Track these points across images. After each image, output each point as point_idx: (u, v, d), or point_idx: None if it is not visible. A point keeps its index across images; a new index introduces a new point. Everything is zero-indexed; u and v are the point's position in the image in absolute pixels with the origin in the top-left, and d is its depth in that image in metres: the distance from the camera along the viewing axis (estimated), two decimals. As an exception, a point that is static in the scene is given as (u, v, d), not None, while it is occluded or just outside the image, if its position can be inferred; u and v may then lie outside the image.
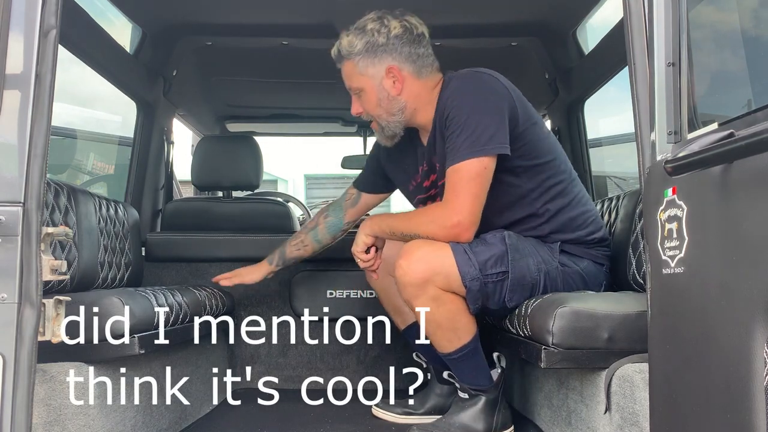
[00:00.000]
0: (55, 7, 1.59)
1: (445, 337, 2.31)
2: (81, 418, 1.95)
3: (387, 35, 2.37)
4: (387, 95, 2.42)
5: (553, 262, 2.35)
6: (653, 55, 1.59)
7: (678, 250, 1.40)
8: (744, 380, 1.17)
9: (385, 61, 2.39)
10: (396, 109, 2.43)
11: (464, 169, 2.22)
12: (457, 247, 2.23)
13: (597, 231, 2.48)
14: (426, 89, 2.43)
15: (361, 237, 2.48)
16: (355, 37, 2.40)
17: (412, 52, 2.39)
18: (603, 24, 3.20)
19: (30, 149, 1.56)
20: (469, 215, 2.22)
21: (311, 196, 14.60)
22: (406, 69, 2.40)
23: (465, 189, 2.21)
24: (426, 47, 2.42)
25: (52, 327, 1.58)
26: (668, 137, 1.54)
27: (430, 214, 2.31)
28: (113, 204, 3.00)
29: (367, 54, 2.39)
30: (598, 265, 2.46)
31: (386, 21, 2.39)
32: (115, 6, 3.06)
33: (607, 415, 1.92)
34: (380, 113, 2.46)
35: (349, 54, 2.41)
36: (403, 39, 2.38)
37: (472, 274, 2.21)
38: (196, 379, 2.90)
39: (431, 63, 2.43)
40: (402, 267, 2.23)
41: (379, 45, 2.37)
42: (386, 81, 2.40)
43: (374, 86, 2.42)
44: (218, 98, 4.40)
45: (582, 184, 2.57)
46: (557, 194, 2.41)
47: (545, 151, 2.39)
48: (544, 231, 2.40)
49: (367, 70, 2.41)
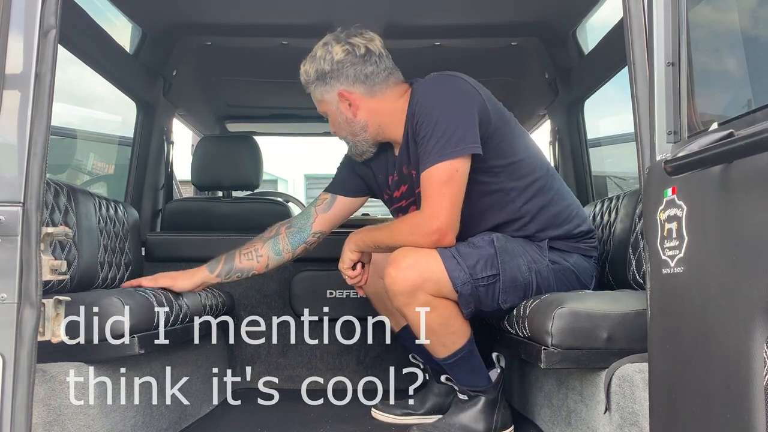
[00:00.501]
0: (55, 7, 1.59)
1: (439, 342, 2.30)
2: (81, 418, 1.95)
3: (331, 62, 2.38)
4: (345, 118, 2.44)
5: (543, 260, 2.35)
6: (653, 55, 1.59)
7: (678, 250, 1.40)
8: (744, 380, 1.17)
9: (335, 87, 2.40)
10: (358, 129, 2.45)
11: (436, 173, 2.21)
12: (445, 253, 2.22)
13: (582, 223, 2.48)
14: (386, 104, 2.42)
15: (347, 253, 2.47)
16: (308, 66, 2.43)
17: (359, 73, 2.37)
18: (603, 24, 3.20)
19: (30, 149, 1.56)
20: (447, 219, 2.20)
21: (311, 196, 14.57)
22: (356, 91, 2.40)
23: (439, 193, 2.20)
24: (375, 64, 2.38)
25: (52, 327, 1.58)
26: (668, 137, 1.54)
27: (409, 223, 2.31)
28: (113, 204, 3.00)
29: (319, 82, 2.42)
30: (587, 258, 2.46)
31: (330, 47, 2.39)
32: (115, 6, 3.06)
33: (607, 415, 1.92)
34: (345, 134, 2.51)
35: (306, 83, 2.47)
36: (345, 63, 2.37)
37: (462, 279, 2.21)
38: (196, 379, 2.90)
39: (384, 79, 2.40)
40: (391, 275, 2.22)
41: (326, 72, 2.39)
42: (342, 105, 2.42)
43: (333, 110, 2.46)
44: (218, 98, 4.40)
45: (561, 179, 2.56)
46: (537, 191, 2.40)
47: (519, 148, 2.39)
48: (530, 230, 2.40)
49: (324, 96, 2.45)
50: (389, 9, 3.10)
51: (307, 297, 3.48)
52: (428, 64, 3.01)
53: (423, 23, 3.25)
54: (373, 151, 2.54)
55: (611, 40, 2.97)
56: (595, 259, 2.50)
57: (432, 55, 3.46)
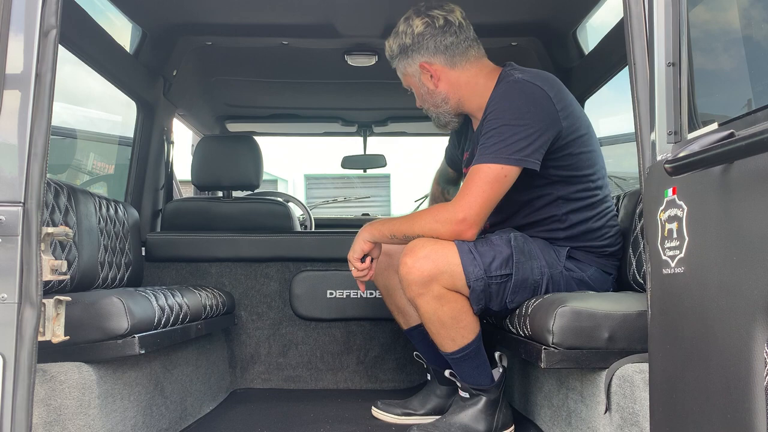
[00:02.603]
0: (55, 7, 1.59)
1: (448, 336, 2.30)
2: (81, 418, 1.95)
3: (412, 35, 2.45)
4: (427, 90, 2.52)
5: (558, 266, 2.35)
6: (653, 55, 1.59)
7: (678, 250, 1.40)
8: (744, 380, 1.17)
9: (416, 60, 2.48)
10: (439, 101, 2.53)
11: (485, 170, 2.23)
12: (462, 247, 2.23)
13: (612, 246, 2.47)
14: (466, 77, 2.48)
15: (359, 243, 2.46)
16: (392, 41, 2.51)
17: (439, 44, 2.44)
18: (603, 24, 3.20)
19: (30, 149, 1.56)
20: (476, 215, 2.22)
21: (311, 196, 14.60)
22: (437, 62, 2.46)
23: (479, 189, 2.22)
24: (455, 34, 2.44)
25: (52, 327, 1.58)
26: (668, 137, 1.54)
27: (435, 213, 2.32)
28: (113, 204, 3.00)
29: (402, 56, 2.51)
30: (606, 274, 2.45)
31: (411, 21, 2.47)
32: (115, 6, 3.06)
33: (607, 415, 1.92)
34: (428, 107, 2.59)
35: (391, 58, 2.56)
36: (426, 35, 2.44)
37: (476, 274, 2.22)
38: (196, 379, 2.91)
39: (464, 50, 2.46)
40: (407, 264, 2.23)
41: (408, 46, 2.47)
42: (423, 77, 2.50)
43: (416, 83, 2.55)
44: (218, 98, 4.41)
45: (612, 200, 2.55)
46: (585, 206, 2.41)
47: (585, 164, 2.39)
48: (559, 236, 2.41)
49: (407, 69, 2.53)
50: (389, 9, 3.10)
51: (307, 297, 3.48)
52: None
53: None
54: (456, 122, 2.62)
55: (611, 40, 2.97)
56: (614, 277, 2.49)
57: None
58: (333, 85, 4.20)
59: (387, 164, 5.11)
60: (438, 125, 2.66)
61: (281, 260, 3.51)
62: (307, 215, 4.83)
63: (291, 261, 3.52)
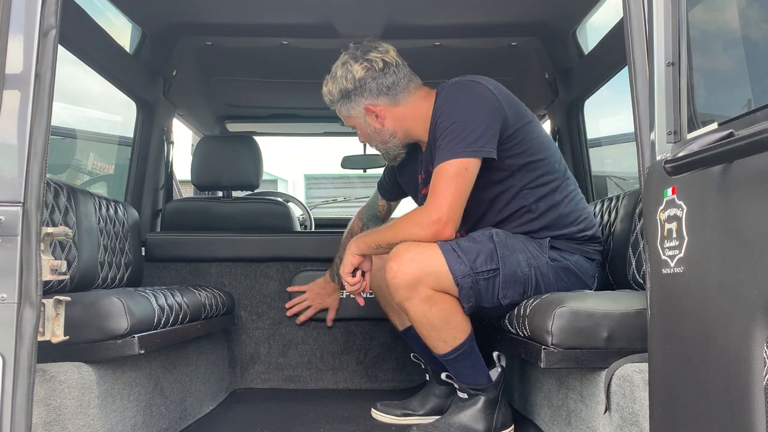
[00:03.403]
0: (55, 7, 1.59)
1: (439, 338, 2.31)
2: (81, 418, 1.95)
3: (353, 80, 2.48)
4: (374, 129, 2.57)
5: (543, 257, 2.37)
6: (653, 55, 1.59)
7: (678, 250, 1.40)
8: (744, 380, 1.17)
9: (360, 103, 2.52)
10: (387, 137, 2.58)
11: (446, 168, 2.27)
12: (445, 246, 2.25)
13: (588, 229, 2.51)
14: (410, 109, 2.52)
15: (348, 258, 2.50)
16: (332, 86, 2.54)
17: (381, 86, 2.48)
18: (603, 24, 3.20)
19: (30, 149, 1.56)
20: (449, 211, 2.25)
21: (311, 196, 14.58)
22: (380, 103, 2.51)
23: (445, 186, 2.25)
24: (394, 74, 2.48)
25: (52, 327, 1.58)
26: (668, 137, 1.54)
27: (412, 218, 2.35)
28: (113, 204, 3.00)
29: (344, 100, 2.54)
30: (589, 260, 2.48)
31: (349, 66, 2.49)
32: (115, 6, 3.06)
33: (607, 415, 1.92)
34: (376, 144, 2.66)
35: (331, 102, 2.59)
36: (367, 79, 2.47)
37: (462, 272, 2.23)
38: (196, 379, 2.91)
39: (405, 86, 2.51)
40: (392, 269, 2.24)
41: (350, 90, 2.50)
42: (369, 118, 2.54)
43: (361, 124, 2.59)
44: (218, 98, 4.41)
45: (576, 183, 2.61)
46: (549, 191, 2.45)
47: (537, 149, 2.44)
48: (535, 227, 2.43)
49: (350, 112, 2.57)
50: (389, 9, 3.10)
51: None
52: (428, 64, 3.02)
53: (423, 23, 3.25)
54: (404, 153, 2.67)
55: (611, 40, 2.97)
56: (598, 262, 2.52)
57: (432, 55, 3.46)
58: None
59: (387, 164, 5.10)
60: (387, 160, 2.73)
61: (281, 260, 3.52)
62: (306, 215, 4.83)
63: (291, 261, 3.52)
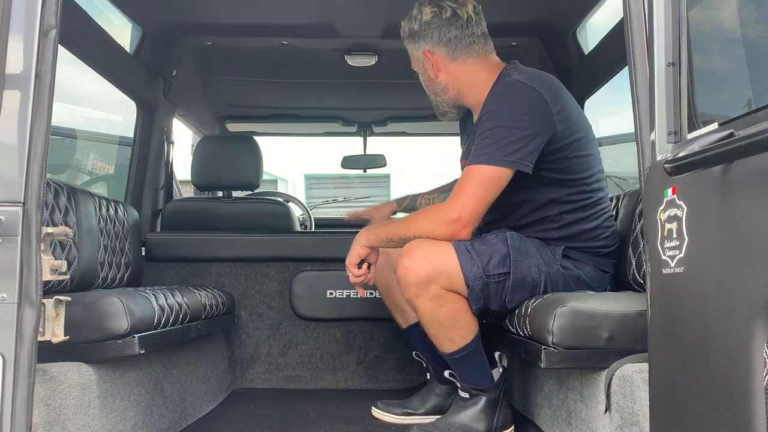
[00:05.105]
0: (55, 7, 1.59)
1: (447, 337, 2.30)
2: (81, 418, 1.95)
3: (420, 22, 2.48)
4: (428, 77, 2.56)
5: (555, 264, 2.35)
6: (653, 55, 1.59)
7: (678, 250, 1.40)
8: (744, 380, 1.17)
9: (421, 46, 2.51)
10: (439, 90, 2.56)
11: (478, 171, 2.24)
12: (459, 246, 2.24)
13: (607, 246, 2.47)
14: (466, 71, 2.49)
15: (356, 248, 2.46)
16: (405, 23, 2.55)
17: (443, 36, 2.46)
18: (603, 24, 3.20)
19: (30, 149, 1.56)
20: (470, 214, 2.23)
21: (311, 196, 14.59)
22: (438, 52, 2.49)
23: (473, 190, 2.23)
24: (460, 29, 2.45)
25: (52, 327, 1.58)
26: (668, 137, 1.54)
27: (430, 214, 2.32)
28: (113, 204, 3.00)
29: (410, 39, 2.54)
30: (602, 272, 2.45)
31: (422, 7, 2.49)
32: (115, 6, 3.06)
33: (607, 415, 1.92)
34: (429, 93, 2.63)
35: (403, 38, 2.59)
36: (432, 24, 2.46)
37: (474, 273, 2.22)
38: (196, 379, 2.91)
39: (468, 45, 2.47)
40: (405, 265, 2.23)
41: (416, 32, 2.50)
42: (426, 64, 2.53)
43: (420, 68, 2.58)
44: (218, 98, 4.41)
45: (608, 200, 2.54)
46: (578, 207, 2.41)
47: (578, 169, 2.39)
48: (553, 236, 2.41)
49: (413, 54, 2.57)
50: (389, 9, 3.10)
51: (307, 297, 3.48)
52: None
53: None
54: (454, 113, 2.65)
55: (611, 40, 2.97)
56: (611, 275, 2.49)
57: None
58: (333, 85, 4.20)
59: (387, 164, 5.11)
60: (437, 113, 2.70)
61: (281, 260, 3.51)
62: (307, 215, 4.83)
63: (291, 261, 3.52)
